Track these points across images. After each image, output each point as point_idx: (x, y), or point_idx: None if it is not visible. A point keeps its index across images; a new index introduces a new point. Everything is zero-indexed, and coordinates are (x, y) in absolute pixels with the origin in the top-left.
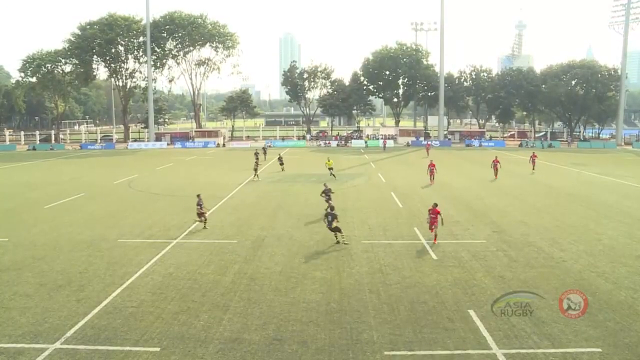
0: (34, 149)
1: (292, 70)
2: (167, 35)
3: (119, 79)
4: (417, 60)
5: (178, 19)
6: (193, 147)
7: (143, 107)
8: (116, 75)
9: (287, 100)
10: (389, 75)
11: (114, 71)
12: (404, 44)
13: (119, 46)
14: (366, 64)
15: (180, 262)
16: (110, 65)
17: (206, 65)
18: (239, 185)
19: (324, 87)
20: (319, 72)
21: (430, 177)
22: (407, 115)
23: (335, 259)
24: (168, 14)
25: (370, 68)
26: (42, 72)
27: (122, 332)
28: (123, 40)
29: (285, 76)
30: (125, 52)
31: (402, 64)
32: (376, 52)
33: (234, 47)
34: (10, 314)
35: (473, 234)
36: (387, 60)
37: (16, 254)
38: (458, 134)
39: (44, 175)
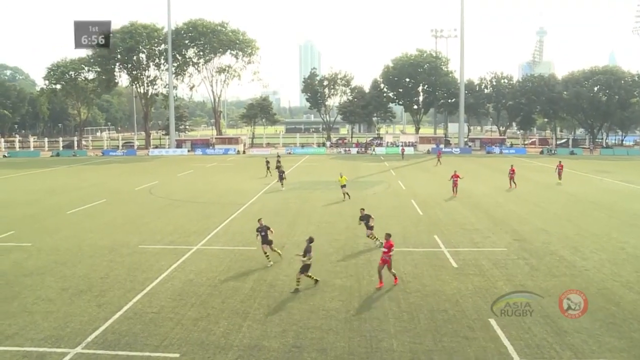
0: (57, 155)
1: (312, 77)
2: (189, 42)
3: (141, 86)
4: (437, 67)
5: (199, 26)
6: (213, 153)
7: (164, 114)
8: (138, 83)
9: (307, 107)
10: (409, 82)
11: (135, 78)
12: (424, 51)
13: (141, 54)
14: (386, 71)
15: (200, 269)
16: (132, 72)
17: (227, 72)
18: (259, 192)
19: (344, 94)
20: (339, 79)
21: (454, 188)
22: (427, 122)
23: (355, 266)
24: (189, 22)
25: (390, 75)
26: (66, 79)
27: (142, 337)
28: (145, 48)
29: (306, 83)
30: (146, 60)
31: (422, 71)
32: (396, 59)
33: (253, 54)
34: (33, 318)
35: (494, 241)
36: (407, 67)
37: (39, 259)
38: (478, 141)
39: (66, 181)
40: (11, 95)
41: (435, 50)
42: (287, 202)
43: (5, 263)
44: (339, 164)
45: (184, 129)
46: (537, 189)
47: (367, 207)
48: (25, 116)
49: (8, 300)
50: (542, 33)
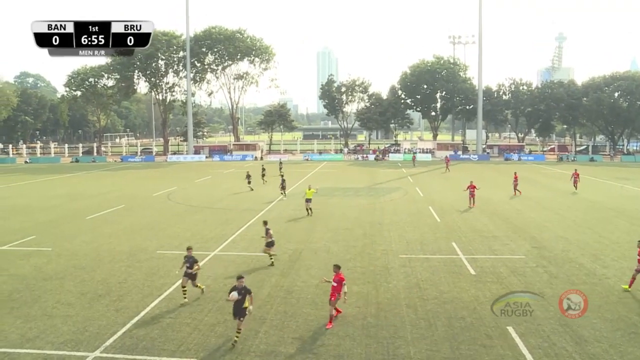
0: (77, 161)
1: (329, 84)
2: (206, 50)
3: (159, 93)
4: (455, 73)
5: (216, 34)
6: (231, 160)
7: (182, 121)
8: (156, 89)
9: (324, 113)
10: (427, 88)
11: (154, 85)
12: (441, 58)
13: (160, 61)
14: (404, 77)
15: (217, 274)
16: (151, 79)
17: (244, 79)
18: (276, 199)
19: (362, 100)
20: (357, 85)
21: (470, 199)
22: (445, 128)
23: (372, 273)
24: (207, 29)
25: (408, 81)
26: (86, 86)
27: (159, 342)
28: (163, 55)
29: (323, 90)
30: (165, 67)
31: (440, 78)
32: (413, 66)
33: (270, 60)
34: (53, 322)
35: (512, 249)
36: (424, 74)
37: (59, 264)
38: (497, 147)
39: (85, 187)
40: (33, 102)
41: (453, 56)
42: (305, 208)
43: (26, 267)
44: (356, 170)
45: (202, 136)
46: (556, 196)
47: (384, 214)
48: (46, 123)
49: (29, 303)
50: (562, 39)
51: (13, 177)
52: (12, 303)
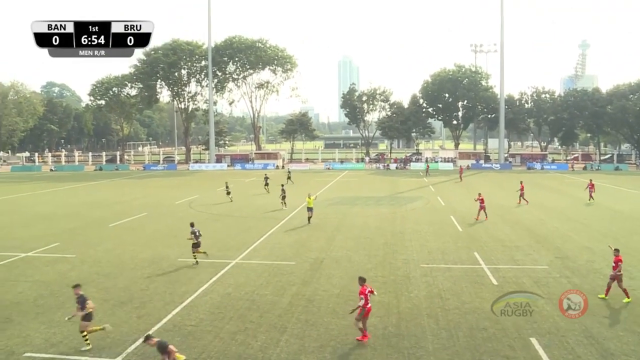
0: (100, 169)
1: (351, 92)
2: (228, 59)
3: (181, 102)
4: (477, 82)
5: (237, 43)
6: (253, 168)
7: (204, 130)
8: (179, 98)
9: (345, 122)
10: (448, 97)
11: (176, 94)
12: (462, 66)
13: (182, 70)
14: (425, 86)
15: (238, 283)
16: (173, 88)
17: (266, 88)
18: (298, 207)
19: (383, 109)
20: (378, 94)
21: (479, 212)
22: (467, 137)
23: (394, 282)
24: (228, 39)
25: (429, 90)
26: (109, 96)
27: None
28: (186, 64)
29: (344, 99)
30: (187, 76)
31: (462, 86)
32: (435, 75)
33: (291, 70)
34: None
35: (535, 259)
36: (446, 83)
37: (82, 270)
38: (519, 156)
39: (109, 194)
40: (58, 111)
41: (474, 65)
42: (326, 217)
43: (50, 273)
44: (377, 179)
45: (223, 144)
46: (580, 205)
47: (406, 223)
48: (71, 131)
49: (53, 309)
50: (585, 46)
51: (39, 184)
52: (37, 309)
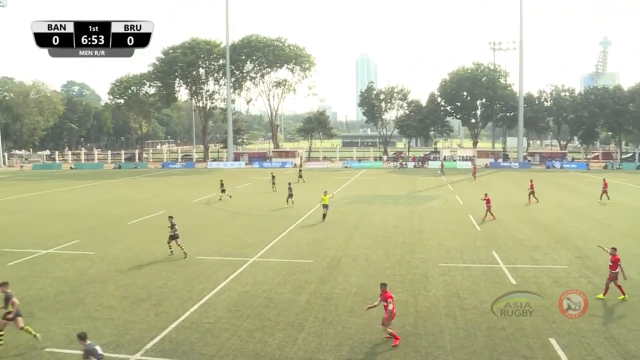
0: (119, 167)
1: (368, 91)
2: (246, 57)
3: (199, 101)
4: (495, 80)
5: (255, 42)
6: (270, 167)
7: (222, 128)
8: (197, 97)
9: (363, 121)
10: (467, 95)
11: (194, 93)
12: (481, 64)
13: (200, 69)
14: (443, 84)
15: (256, 281)
16: (191, 87)
17: (283, 86)
18: (315, 206)
19: (401, 108)
20: (396, 93)
21: (487, 213)
22: (486, 136)
23: (411, 281)
24: (246, 37)
25: (447, 89)
26: (128, 94)
27: (198, 347)
28: (204, 63)
29: (362, 97)
30: (205, 75)
31: (480, 84)
32: (453, 73)
33: (309, 69)
34: (95, 324)
35: (554, 259)
36: (464, 81)
37: (101, 268)
38: (538, 155)
39: (127, 192)
40: (78, 110)
41: (493, 63)
42: (344, 215)
43: (70, 270)
44: (395, 178)
45: (241, 142)
46: (600, 204)
47: (424, 222)
48: (91, 130)
49: (73, 306)
50: (606, 43)
51: (59, 182)
52: (58, 305)
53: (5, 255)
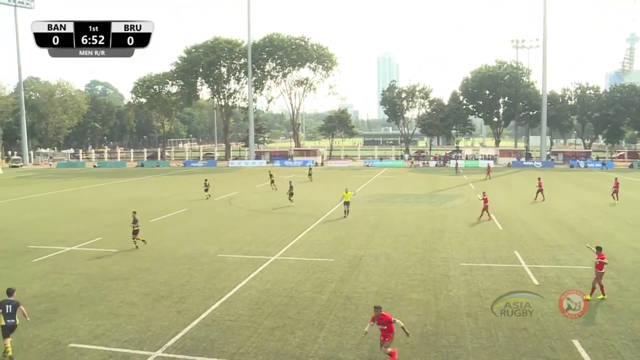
0: (141, 165)
1: (390, 89)
2: (267, 56)
3: (221, 99)
4: (518, 78)
5: (277, 40)
6: (292, 165)
7: (244, 126)
8: (218, 96)
9: (385, 119)
10: (489, 94)
11: (216, 91)
12: (504, 62)
13: (222, 68)
14: (465, 83)
15: (277, 279)
16: (213, 86)
17: (305, 85)
18: (337, 205)
19: (423, 106)
20: (417, 91)
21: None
22: (508, 135)
23: (433, 281)
24: (268, 36)
25: (469, 87)
26: (151, 93)
27: (219, 344)
28: (225, 62)
29: (384, 96)
30: (227, 74)
31: (502, 83)
32: (475, 71)
33: (331, 68)
34: (118, 321)
35: (578, 259)
36: (486, 79)
37: (124, 265)
38: (561, 154)
39: (150, 190)
40: (102, 109)
41: (515, 61)
42: (365, 214)
43: (93, 267)
44: (417, 177)
45: (262, 141)
46: (627, 204)
47: (445, 221)
48: (114, 128)
49: (96, 302)
50: (633, 40)
51: (83, 180)
52: (81, 301)
53: (31, 252)
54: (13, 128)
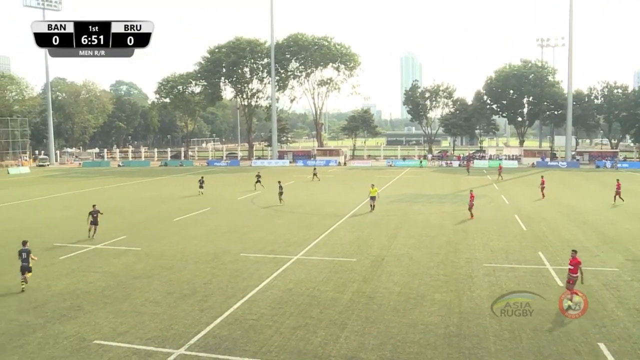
0: (165, 165)
1: (413, 89)
2: (291, 56)
3: (244, 99)
4: (543, 77)
5: (301, 40)
6: (314, 165)
7: (267, 126)
8: (241, 95)
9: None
10: (513, 93)
11: (239, 91)
12: (529, 61)
13: (245, 68)
14: (489, 82)
15: (299, 278)
16: (236, 85)
17: (328, 85)
18: (359, 204)
19: (446, 106)
20: (441, 91)
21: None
22: (532, 134)
23: (456, 281)
24: (290, 37)
25: (493, 87)
26: (175, 93)
27: (241, 343)
28: (248, 62)
29: (407, 95)
30: (250, 73)
31: (527, 82)
32: (499, 70)
33: (355, 68)
34: (141, 319)
35: (603, 261)
36: (510, 79)
37: (147, 263)
38: (587, 154)
39: (173, 189)
40: (126, 109)
41: (540, 60)
42: (388, 214)
43: (117, 265)
44: (440, 177)
45: (285, 141)
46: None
47: (469, 221)
48: (138, 128)
49: (120, 300)
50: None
51: (108, 179)
52: (105, 299)
53: (57, 250)
54: (40, 128)
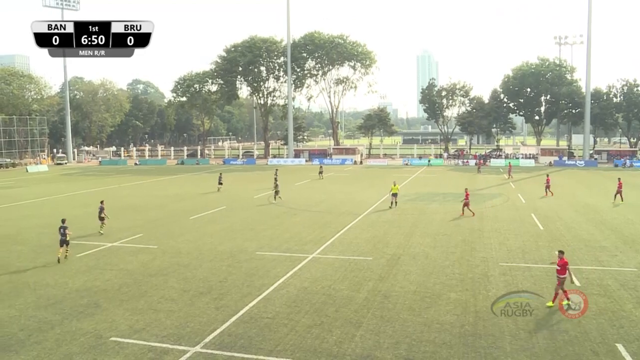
0: (182, 163)
1: (430, 88)
2: (307, 55)
3: (260, 98)
4: (561, 75)
5: (317, 39)
6: (331, 163)
7: (283, 125)
8: (257, 94)
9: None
10: (530, 92)
11: (255, 90)
12: (546, 59)
13: (261, 67)
14: (506, 80)
15: (315, 277)
16: (252, 84)
17: (344, 83)
18: (375, 203)
19: (463, 104)
20: (457, 89)
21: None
22: (550, 133)
23: (471, 280)
24: (306, 35)
25: (510, 85)
26: (191, 92)
27: (257, 341)
28: (264, 61)
29: (423, 94)
30: (266, 72)
31: (544, 80)
32: (516, 69)
33: (371, 66)
34: (157, 316)
35: (621, 261)
36: (528, 77)
37: (164, 261)
38: (605, 153)
39: (190, 188)
40: (143, 108)
41: (558, 57)
42: (404, 213)
43: (134, 263)
44: (456, 175)
45: (302, 139)
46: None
47: (484, 220)
48: (155, 126)
49: (136, 297)
50: None
51: (124, 177)
52: (122, 296)
53: (74, 247)
54: (58, 126)
